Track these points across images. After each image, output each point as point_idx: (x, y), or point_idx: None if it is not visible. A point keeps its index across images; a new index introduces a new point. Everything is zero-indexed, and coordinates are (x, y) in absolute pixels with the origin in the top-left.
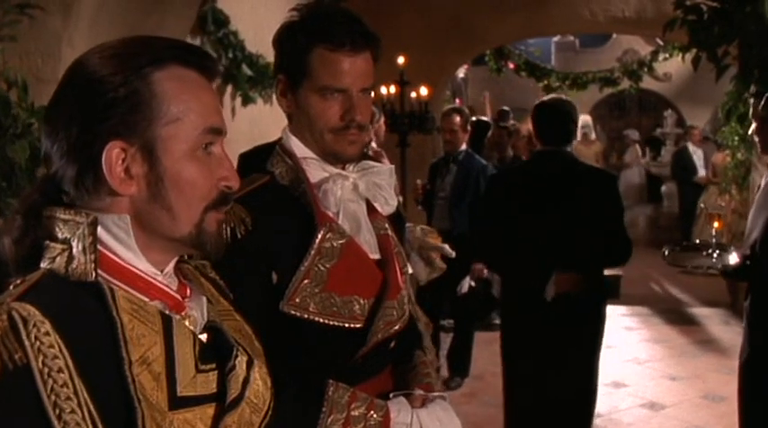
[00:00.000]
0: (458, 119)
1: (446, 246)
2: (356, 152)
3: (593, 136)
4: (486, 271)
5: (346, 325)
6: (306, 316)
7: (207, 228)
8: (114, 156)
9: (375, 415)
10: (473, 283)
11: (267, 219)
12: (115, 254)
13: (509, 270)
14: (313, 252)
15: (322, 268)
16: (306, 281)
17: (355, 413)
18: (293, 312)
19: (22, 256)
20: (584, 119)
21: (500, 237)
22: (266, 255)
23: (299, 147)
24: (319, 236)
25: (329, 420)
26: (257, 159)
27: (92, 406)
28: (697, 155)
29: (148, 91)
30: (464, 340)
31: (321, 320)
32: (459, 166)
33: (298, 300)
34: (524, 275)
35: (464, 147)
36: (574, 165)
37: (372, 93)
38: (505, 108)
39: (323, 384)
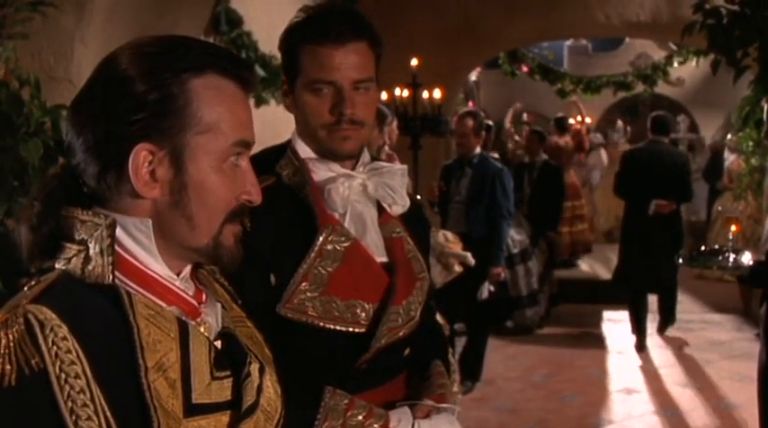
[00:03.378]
0: (470, 123)
1: (468, 255)
2: (352, 148)
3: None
4: (503, 274)
5: (350, 329)
6: (304, 319)
7: (224, 241)
8: (142, 159)
9: (374, 424)
10: (492, 288)
11: (268, 221)
12: (134, 257)
13: (633, 200)
14: (313, 254)
15: (323, 271)
16: (304, 284)
17: (352, 421)
18: (290, 315)
19: (37, 245)
20: (618, 123)
21: (630, 183)
22: (264, 257)
23: (302, 148)
24: (321, 238)
25: (324, 426)
26: (266, 161)
27: (108, 413)
28: (730, 160)
29: (184, 97)
30: (477, 344)
31: (322, 324)
32: (475, 170)
33: (295, 303)
34: (641, 202)
35: (478, 150)
36: (667, 147)
37: (372, 89)
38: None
39: (322, 390)
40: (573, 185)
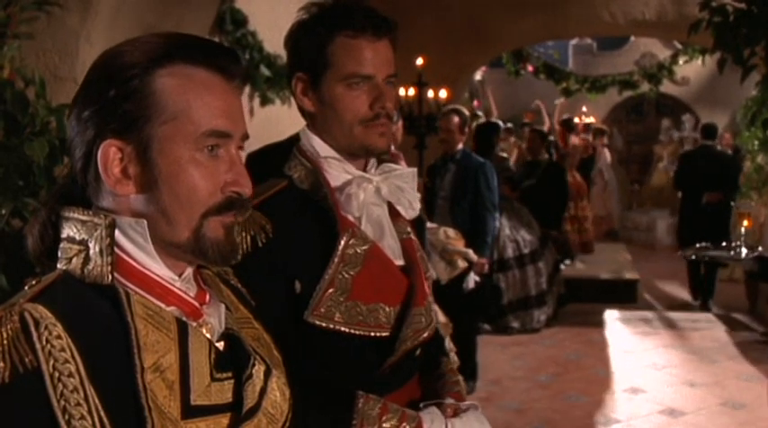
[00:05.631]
0: (456, 119)
1: (470, 251)
2: (386, 145)
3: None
4: (486, 266)
5: (372, 333)
6: (331, 326)
7: (207, 234)
8: (111, 155)
9: (408, 427)
10: (477, 278)
11: (287, 227)
12: (132, 258)
13: (690, 192)
14: (336, 259)
15: (346, 276)
16: (330, 291)
17: (387, 425)
18: (318, 322)
19: (43, 250)
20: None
21: (686, 179)
22: (288, 264)
23: (321, 147)
24: (342, 243)
25: None
26: (268, 159)
27: (102, 413)
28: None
29: (145, 89)
30: (467, 343)
31: (347, 330)
32: (458, 165)
33: (323, 310)
34: (695, 193)
35: (460, 146)
36: (715, 149)
37: (394, 84)
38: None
39: (351, 396)
40: (579, 185)
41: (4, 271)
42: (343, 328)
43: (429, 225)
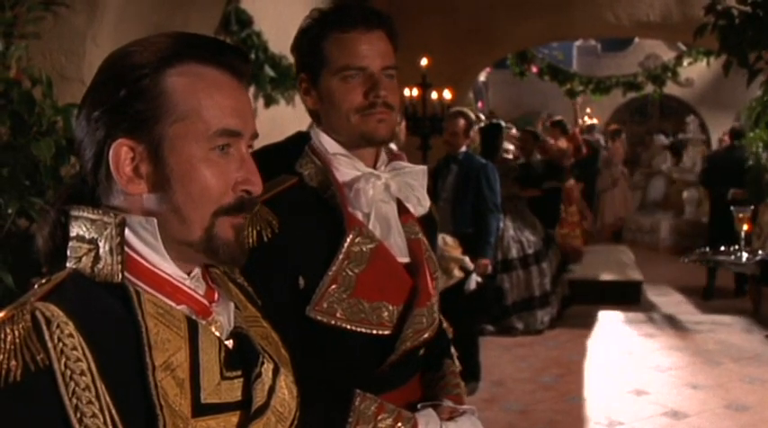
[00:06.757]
0: (462, 122)
1: (466, 258)
2: (386, 132)
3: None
4: (490, 267)
5: (374, 331)
6: (333, 322)
7: (219, 234)
8: (123, 155)
9: (403, 427)
10: (479, 279)
11: (294, 222)
12: (142, 256)
13: (715, 188)
14: (341, 256)
15: (350, 273)
16: (333, 287)
17: (382, 425)
18: (320, 318)
19: (53, 250)
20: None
21: (711, 178)
22: (293, 260)
23: (330, 144)
24: (348, 240)
25: None
26: (270, 158)
27: (113, 411)
28: None
29: (156, 89)
30: (468, 344)
31: (349, 327)
32: (460, 166)
33: (325, 306)
34: (722, 189)
35: (464, 149)
36: (740, 150)
37: (395, 77)
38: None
39: (349, 393)
40: (570, 190)
41: (10, 270)
42: (344, 325)
43: None
